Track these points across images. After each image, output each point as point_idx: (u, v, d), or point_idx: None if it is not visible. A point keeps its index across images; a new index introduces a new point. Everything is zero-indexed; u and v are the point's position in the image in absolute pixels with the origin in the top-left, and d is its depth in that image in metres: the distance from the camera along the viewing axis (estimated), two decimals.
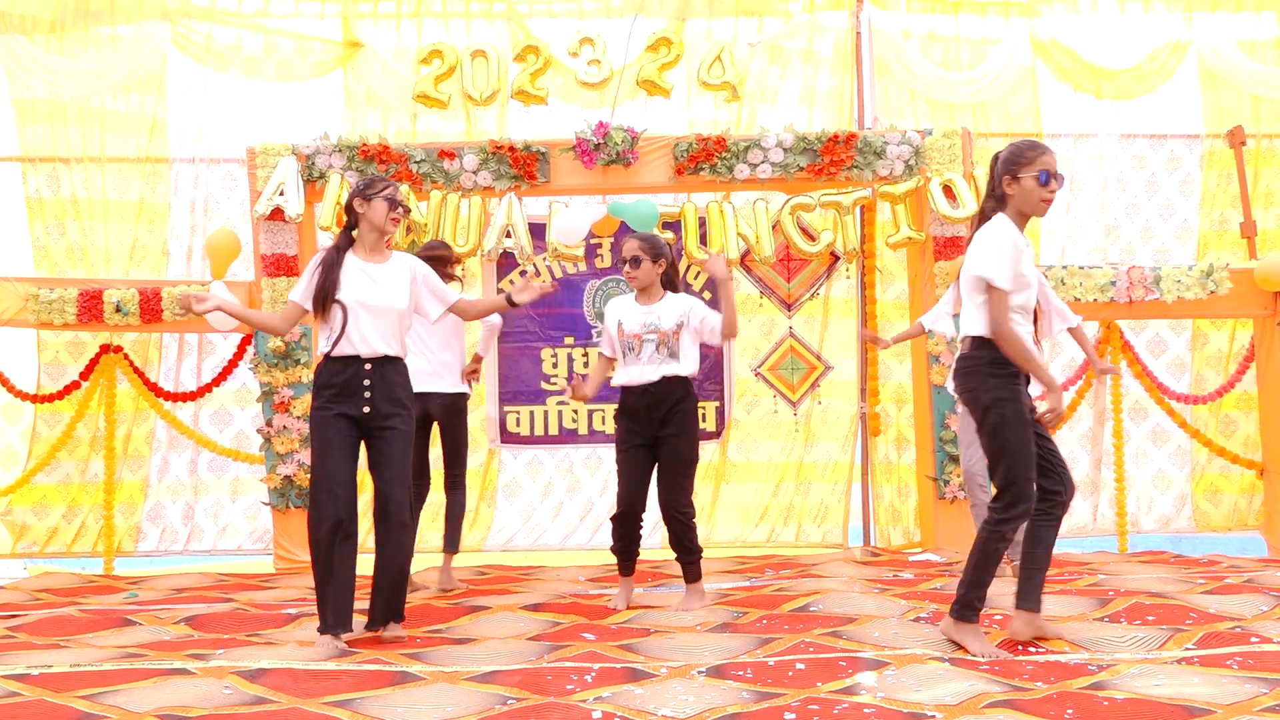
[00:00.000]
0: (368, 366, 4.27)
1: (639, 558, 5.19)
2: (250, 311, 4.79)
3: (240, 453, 7.76)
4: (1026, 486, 3.85)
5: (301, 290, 4.38)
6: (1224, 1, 8.14)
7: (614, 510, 5.06)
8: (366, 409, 4.25)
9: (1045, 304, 5.34)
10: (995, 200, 3.97)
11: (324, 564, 4.23)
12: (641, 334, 4.92)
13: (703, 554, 5.04)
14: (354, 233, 4.47)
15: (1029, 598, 3.98)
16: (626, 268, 5.00)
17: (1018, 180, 3.89)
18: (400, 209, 4.44)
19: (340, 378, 4.26)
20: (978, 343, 3.93)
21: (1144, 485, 8.10)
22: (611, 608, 5.05)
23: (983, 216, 4.00)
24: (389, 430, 4.29)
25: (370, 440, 4.35)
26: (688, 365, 4.94)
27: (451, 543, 5.81)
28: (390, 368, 4.33)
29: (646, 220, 6.90)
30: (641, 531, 5.06)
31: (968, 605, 3.96)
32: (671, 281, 5.08)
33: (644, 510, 5.01)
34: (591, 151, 7.02)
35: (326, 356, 4.30)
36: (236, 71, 8.02)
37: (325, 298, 4.28)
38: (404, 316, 4.39)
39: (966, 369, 3.98)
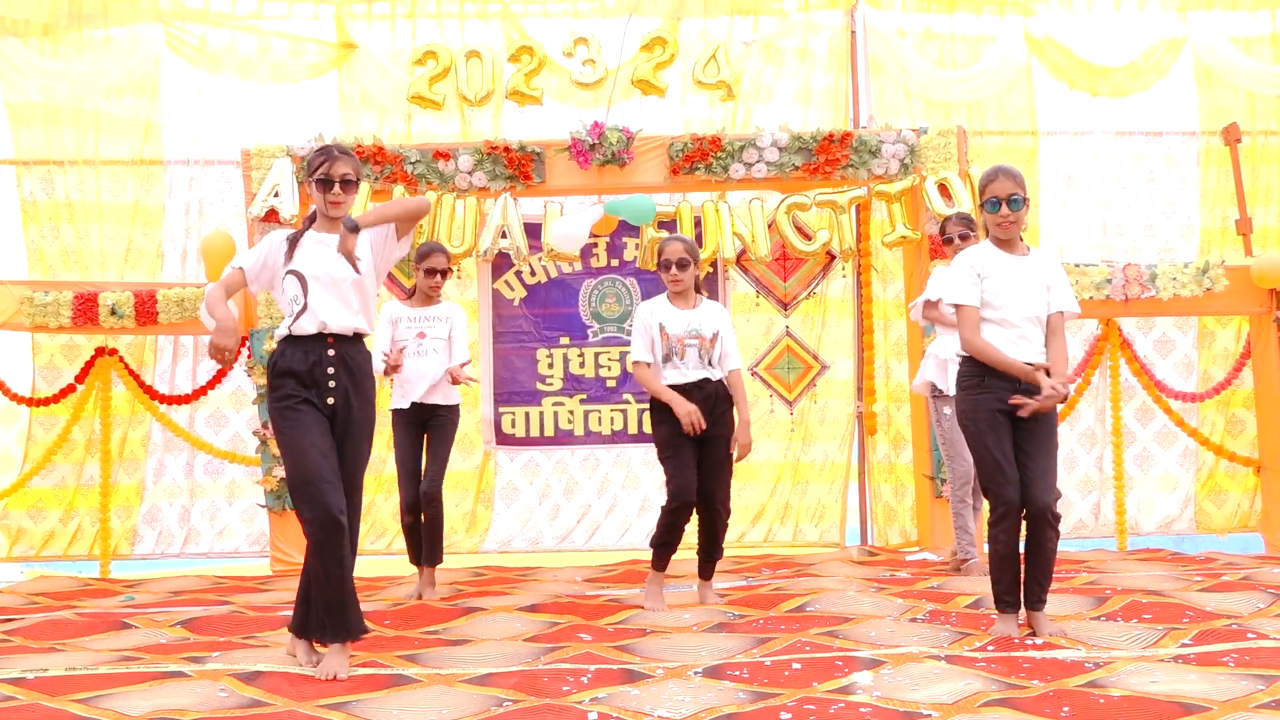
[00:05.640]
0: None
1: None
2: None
3: (236, 455, 7.74)
4: (1000, 492, 4.11)
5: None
6: None
7: (670, 503, 4.91)
8: None
9: None
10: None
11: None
12: (684, 338, 4.89)
13: None
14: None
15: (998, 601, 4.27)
16: (674, 270, 4.89)
17: (981, 209, 4.28)
18: (338, 187, 4.03)
19: None
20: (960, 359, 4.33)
21: (1148, 487, 8.03)
22: (652, 609, 4.92)
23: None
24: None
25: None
26: (719, 372, 5.01)
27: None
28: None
29: (644, 214, 6.90)
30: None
31: (997, 600, 4.26)
32: (698, 282, 5.11)
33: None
34: (587, 151, 7.01)
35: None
36: (230, 73, 8.00)
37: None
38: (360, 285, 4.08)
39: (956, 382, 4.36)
